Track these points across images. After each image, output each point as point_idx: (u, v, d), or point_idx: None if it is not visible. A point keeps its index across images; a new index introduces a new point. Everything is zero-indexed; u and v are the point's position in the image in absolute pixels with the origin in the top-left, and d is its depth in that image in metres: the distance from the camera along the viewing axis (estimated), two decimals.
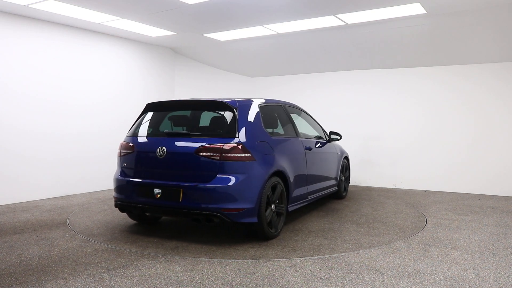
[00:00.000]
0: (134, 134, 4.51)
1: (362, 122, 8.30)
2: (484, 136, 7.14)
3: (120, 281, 3.11)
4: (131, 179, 4.28)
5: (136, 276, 3.22)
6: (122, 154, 4.46)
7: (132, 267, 3.42)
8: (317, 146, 5.61)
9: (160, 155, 4.10)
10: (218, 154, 3.88)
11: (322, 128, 6.10)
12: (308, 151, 5.18)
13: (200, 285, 3.04)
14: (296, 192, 4.78)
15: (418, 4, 5.28)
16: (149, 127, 4.52)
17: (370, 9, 5.55)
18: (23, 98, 6.23)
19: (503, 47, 6.57)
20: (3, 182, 6.02)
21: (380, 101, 8.16)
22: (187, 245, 4.06)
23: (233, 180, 3.85)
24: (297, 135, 5.13)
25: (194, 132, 4.29)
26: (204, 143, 3.97)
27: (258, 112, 4.38)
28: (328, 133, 6.15)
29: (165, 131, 4.39)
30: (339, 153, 6.43)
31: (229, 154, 3.87)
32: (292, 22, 6.26)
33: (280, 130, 5.04)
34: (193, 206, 3.90)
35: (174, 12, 5.86)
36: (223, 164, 3.87)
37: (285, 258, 3.66)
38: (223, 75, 9.49)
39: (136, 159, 4.32)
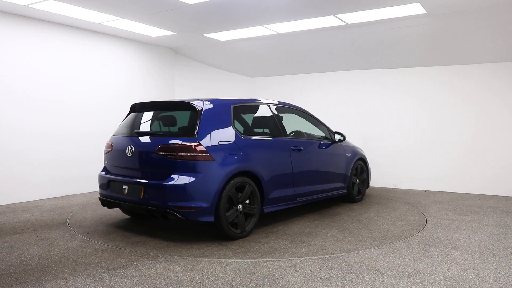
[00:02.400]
0: (116, 134, 4.78)
1: (362, 122, 8.30)
2: (484, 136, 7.14)
3: (120, 281, 3.11)
4: (108, 176, 4.60)
5: (136, 276, 3.22)
6: (105, 152, 4.81)
7: (132, 267, 3.42)
8: (315, 146, 5.51)
9: (129, 154, 4.35)
10: (174, 153, 4.01)
11: (328, 129, 5.90)
12: (296, 151, 5.03)
13: (200, 285, 3.04)
14: (276, 194, 4.70)
15: (418, 4, 5.28)
16: (127, 126, 4.75)
17: (370, 9, 5.55)
18: (23, 98, 6.23)
19: (503, 47, 6.57)
20: (3, 182, 6.02)
21: (380, 101, 8.16)
22: (149, 240, 4.23)
23: (187, 179, 3.94)
24: (283, 135, 5.00)
25: (160, 131, 4.48)
26: (163, 143, 4.13)
27: (229, 112, 4.44)
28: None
29: (135, 130, 4.59)
30: (349, 155, 6.12)
31: (184, 154, 3.98)
32: (292, 22, 6.26)
33: (259, 130, 5.04)
34: (151, 203, 4.07)
35: (174, 12, 5.86)
36: (178, 163, 4.00)
37: (284, 258, 3.67)
38: (223, 75, 9.49)
39: (113, 157, 4.63)
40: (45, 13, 6.05)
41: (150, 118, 4.70)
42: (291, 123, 5.64)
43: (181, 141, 4.05)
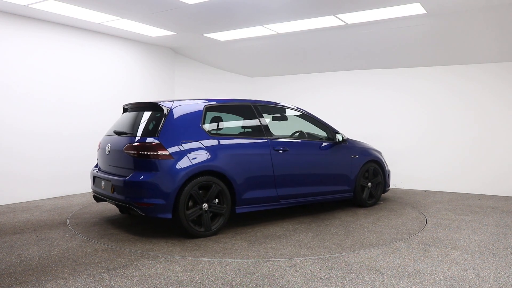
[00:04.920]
0: (106, 133, 5.09)
1: (362, 122, 8.30)
2: (484, 136, 7.14)
3: (120, 281, 3.11)
4: (95, 172, 4.98)
5: (136, 276, 3.22)
6: (97, 150, 5.17)
7: (132, 267, 3.42)
8: (310, 147, 5.37)
9: (107, 152, 4.72)
10: (136, 152, 4.24)
11: (329, 129, 5.66)
12: (279, 152, 4.93)
13: (200, 285, 3.04)
14: (251, 194, 4.67)
15: (418, 4, 5.28)
16: (113, 126, 5.02)
17: (370, 9, 5.55)
18: (23, 98, 6.24)
19: (503, 47, 6.57)
20: (3, 182, 6.02)
21: (380, 101, 8.16)
22: (117, 233, 4.50)
23: (145, 176, 4.14)
24: (266, 136, 4.93)
25: (130, 131, 4.68)
26: (129, 142, 4.40)
27: (199, 113, 4.55)
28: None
29: (113, 130, 4.87)
30: (356, 156, 5.79)
31: (144, 152, 4.20)
32: (292, 22, 6.26)
33: (235, 130, 5.05)
34: (118, 198, 4.36)
35: (174, 12, 5.86)
36: (139, 161, 4.22)
37: (285, 258, 3.67)
38: (223, 75, 9.49)
39: (99, 155, 5.03)
40: (45, 13, 6.05)
41: (132, 118, 4.89)
42: (290, 123, 5.64)
43: (142, 141, 4.28)
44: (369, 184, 6.00)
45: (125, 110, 5.18)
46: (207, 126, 4.59)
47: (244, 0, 5.33)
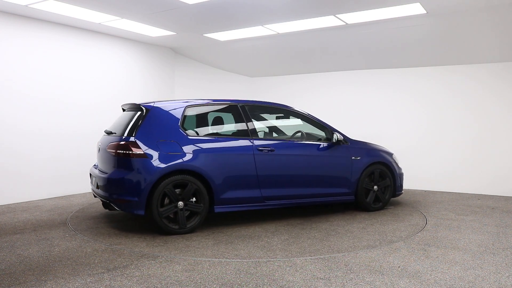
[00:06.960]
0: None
1: (362, 123, 8.29)
2: (484, 136, 7.14)
3: (120, 281, 3.11)
4: (92, 169, 5.23)
5: (136, 276, 3.22)
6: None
7: (132, 267, 3.43)
8: (302, 148, 5.24)
9: (98, 151, 5.04)
10: (114, 151, 4.49)
11: (328, 129, 5.50)
12: (264, 152, 4.87)
13: (200, 285, 3.04)
14: (232, 194, 4.68)
15: (418, 4, 5.28)
16: (110, 126, 5.26)
17: (370, 9, 5.55)
18: (23, 97, 6.24)
19: (503, 47, 6.57)
20: (3, 182, 6.02)
21: (380, 101, 8.16)
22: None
23: (121, 173, 4.38)
24: (250, 136, 4.90)
25: (118, 131, 4.84)
26: (111, 141, 4.64)
27: (179, 113, 4.70)
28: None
29: (104, 130, 5.14)
30: (358, 158, 5.50)
31: (121, 151, 4.42)
32: (292, 22, 6.27)
33: (218, 130, 5.09)
34: (100, 194, 4.62)
35: (174, 12, 5.86)
36: (118, 160, 4.45)
37: (284, 258, 3.67)
38: (223, 75, 9.50)
39: (96, 153, 5.24)
40: (45, 13, 6.05)
41: (123, 118, 5.03)
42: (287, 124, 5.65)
43: (120, 140, 4.50)
44: (375, 187, 5.66)
45: (123, 110, 5.34)
46: (187, 126, 4.71)
47: (244, 0, 5.33)
